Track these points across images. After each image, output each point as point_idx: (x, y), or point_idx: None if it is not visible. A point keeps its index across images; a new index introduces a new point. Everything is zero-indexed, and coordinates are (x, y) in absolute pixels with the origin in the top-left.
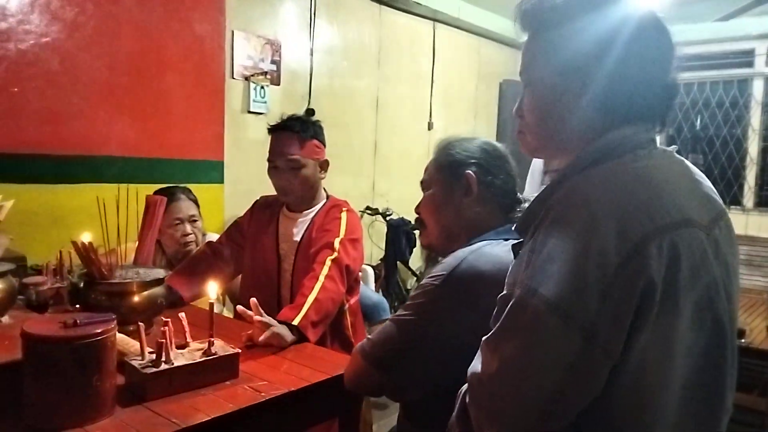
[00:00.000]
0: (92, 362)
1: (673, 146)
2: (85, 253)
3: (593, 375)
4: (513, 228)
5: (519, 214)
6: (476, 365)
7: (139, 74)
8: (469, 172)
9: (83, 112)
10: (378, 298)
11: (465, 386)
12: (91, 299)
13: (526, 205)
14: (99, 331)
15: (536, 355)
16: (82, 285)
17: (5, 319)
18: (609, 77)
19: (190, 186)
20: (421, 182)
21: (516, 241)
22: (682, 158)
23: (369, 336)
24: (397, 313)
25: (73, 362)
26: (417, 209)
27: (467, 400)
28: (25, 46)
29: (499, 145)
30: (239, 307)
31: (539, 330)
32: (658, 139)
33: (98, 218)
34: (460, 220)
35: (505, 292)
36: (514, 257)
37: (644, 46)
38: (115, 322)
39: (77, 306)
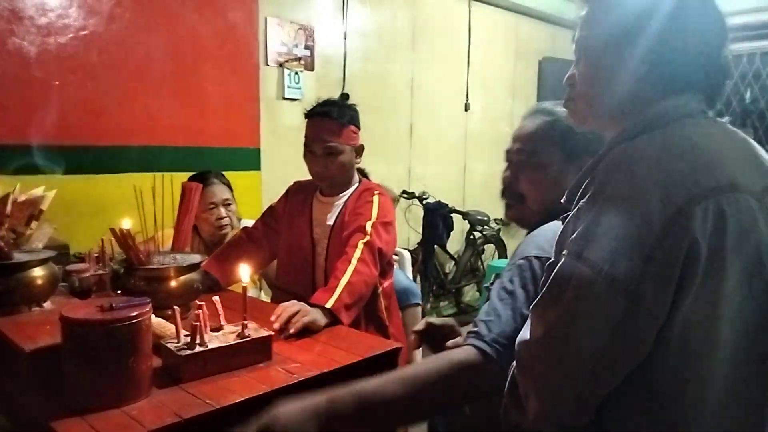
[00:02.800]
0: (128, 344)
1: (726, 117)
2: (123, 240)
3: (639, 337)
4: (563, 200)
5: None
6: (524, 334)
7: (174, 64)
8: (588, 158)
9: (121, 103)
10: (408, 282)
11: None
12: (130, 284)
13: None
14: (134, 314)
15: (582, 318)
16: (122, 271)
17: (47, 305)
18: (657, 47)
19: (227, 173)
20: (518, 151)
21: (564, 215)
22: (736, 129)
23: (482, 340)
24: (500, 294)
25: (109, 345)
26: (510, 179)
27: (515, 370)
28: (65, 40)
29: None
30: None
31: (585, 293)
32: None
33: (135, 207)
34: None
35: (552, 259)
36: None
37: (690, 18)
38: (150, 305)
39: (119, 291)
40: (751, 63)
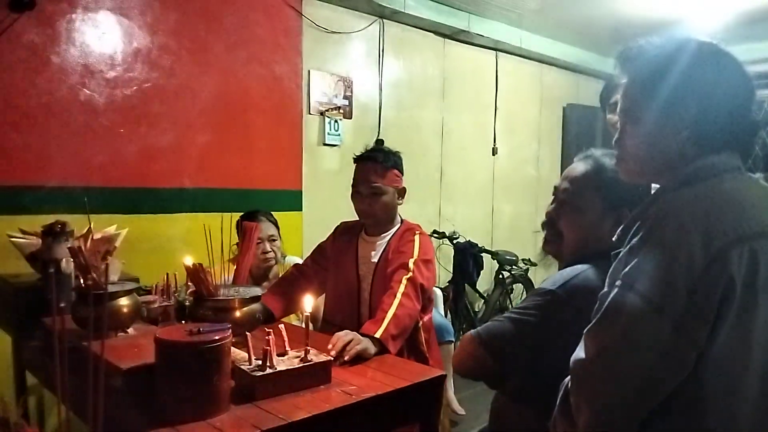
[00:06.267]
0: (213, 364)
1: (759, 174)
2: (196, 273)
3: (681, 360)
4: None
5: None
6: (579, 353)
7: (226, 113)
8: (628, 210)
9: (178, 149)
10: (443, 320)
11: (567, 378)
12: (199, 314)
13: None
14: (218, 337)
15: (632, 342)
16: (189, 302)
17: (131, 330)
18: (695, 114)
19: (272, 213)
20: (564, 190)
21: (615, 251)
22: (766, 184)
23: (479, 329)
24: (512, 310)
25: (198, 364)
26: (552, 215)
27: (569, 386)
28: (130, 92)
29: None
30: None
31: (635, 320)
32: (743, 167)
33: (191, 244)
34: (599, 243)
35: (605, 289)
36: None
37: (722, 85)
38: (231, 331)
39: (183, 321)
40: None
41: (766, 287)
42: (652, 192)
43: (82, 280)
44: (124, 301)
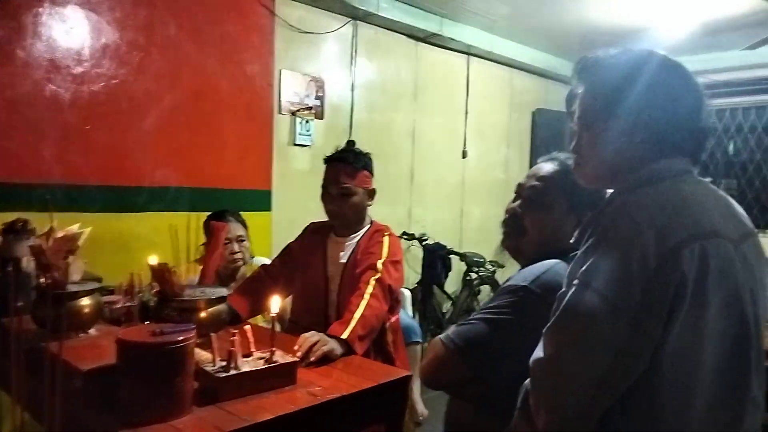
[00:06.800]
0: (175, 365)
1: (708, 178)
2: (161, 273)
3: (637, 356)
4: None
5: None
6: (538, 353)
7: (195, 111)
8: (587, 215)
9: (145, 147)
10: (410, 321)
11: (527, 380)
12: (164, 315)
13: None
14: (181, 338)
15: (590, 339)
16: (153, 302)
17: (92, 331)
18: (652, 122)
19: (241, 213)
20: (531, 188)
21: (572, 254)
22: (715, 187)
23: (449, 332)
24: (481, 310)
25: (160, 365)
26: (516, 211)
27: (529, 388)
28: (97, 88)
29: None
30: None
31: (592, 317)
32: (695, 171)
33: (157, 244)
34: (559, 242)
35: (563, 289)
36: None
37: (677, 98)
38: (194, 331)
39: (147, 322)
40: (734, 117)
41: (716, 285)
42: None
43: (42, 279)
44: (85, 301)
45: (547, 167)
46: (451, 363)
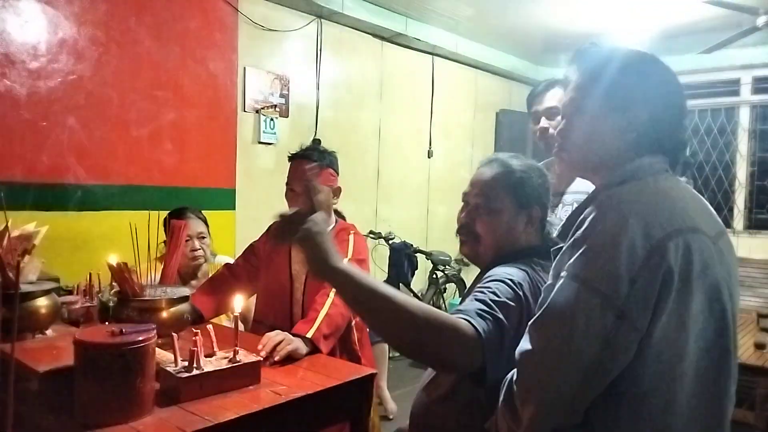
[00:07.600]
0: (136, 366)
1: (684, 177)
2: (120, 272)
3: (624, 347)
4: (554, 236)
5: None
6: (523, 345)
7: (157, 108)
8: (537, 208)
9: (104, 143)
10: None
11: (511, 372)
12: (124, 315)
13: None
14: (142, 338)
15: (577, 331)
16: (113, 302)
17: (49, 332)
18: (647, 120)
19: (204, 212)
20: (476, 195)
21: (556, 247)
22: (688, 186)
23: (476, 318)
24: (495, 301)
25: (120, 366)
26: (467, 220)
27: (514, 378)
28: (54, 84)
29: (552, 180)
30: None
31: (581, 308)
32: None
33: (117, 243)
34: (515, 242)
35: (550, 281)
36: (553, 259)
37: (669, 100)
38: (155, 332)
39: (106, 322)
40: (690, 119)
41: (700, 279)
42: (551, 191)
43: None
44: (41, 302)
45: (487, 172)
46: (474, 351)
